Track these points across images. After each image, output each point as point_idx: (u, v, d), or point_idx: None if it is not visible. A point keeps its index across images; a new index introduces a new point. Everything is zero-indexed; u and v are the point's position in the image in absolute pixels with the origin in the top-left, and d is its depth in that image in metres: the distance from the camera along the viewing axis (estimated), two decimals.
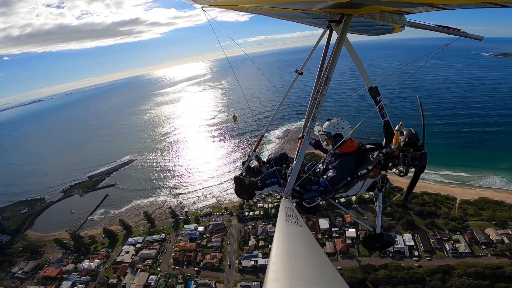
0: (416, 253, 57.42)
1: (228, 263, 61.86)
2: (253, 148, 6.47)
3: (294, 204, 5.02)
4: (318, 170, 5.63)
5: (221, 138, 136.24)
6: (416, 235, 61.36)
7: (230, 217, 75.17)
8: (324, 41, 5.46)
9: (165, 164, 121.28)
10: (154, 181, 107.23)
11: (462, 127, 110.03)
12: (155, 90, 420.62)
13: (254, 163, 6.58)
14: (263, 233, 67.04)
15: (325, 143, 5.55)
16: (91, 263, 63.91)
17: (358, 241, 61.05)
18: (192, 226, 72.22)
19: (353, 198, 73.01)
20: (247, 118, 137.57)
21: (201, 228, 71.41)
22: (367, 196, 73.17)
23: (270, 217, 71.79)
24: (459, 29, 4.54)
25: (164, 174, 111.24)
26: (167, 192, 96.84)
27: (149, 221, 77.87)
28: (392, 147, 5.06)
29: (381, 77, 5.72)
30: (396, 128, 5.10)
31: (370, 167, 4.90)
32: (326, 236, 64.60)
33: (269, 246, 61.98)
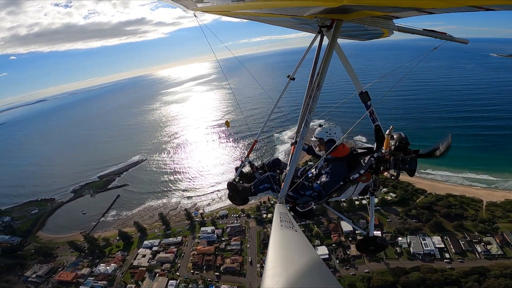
0: (447, 255, 55.66)
1: (249, 260, 60.05)
2: (246, 154, 6.30)
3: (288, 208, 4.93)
4: (310, 175, 5.61)
5: (233, 139, 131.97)
6: (445, 237, 59.28)
7: (248, 219, 72.45)
8: (315, 46, 5.35)
9: (176, 165, 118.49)
10: (165, 182, 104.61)
11: (481, 130, 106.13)
12: (161, 90, 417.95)
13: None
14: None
15: (317, 149, 5.51)
16: (108, 267, 61.26)
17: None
18: (209, 229, 69.57)
19: (376, 200, 70.49)
20: (258, 119, 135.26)
21: (218, 231, 68.78)
22: (389, 198, 70.79)
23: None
24: (446, 33, 4.60)
25: (176, 175, 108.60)
26: (180, 193, 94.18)
27: (164, 223, 75.26)
28: (383, 151, 4.95)
29: (387, 78, 5.74)
30: (387, 132, 4.98)
31: (362, 171, 4.96)
32: (350, 238, 61.93)
33: None
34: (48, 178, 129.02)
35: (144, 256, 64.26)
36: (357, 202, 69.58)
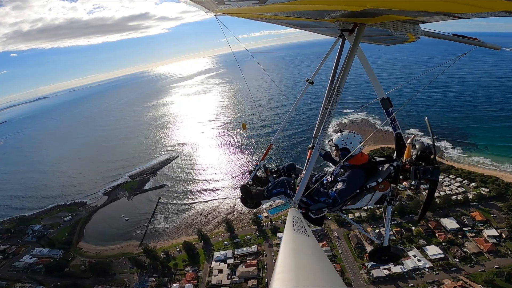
0: None
1: (349, 268, 51.20)
2: (261, 157, 5.76)
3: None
4: (326, 181, 5.08)
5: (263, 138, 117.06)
6: None
7: (325, 221, 61.68)
8: (336, 50, 4.83)
9: (213, 162, 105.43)
10: (206, 182, 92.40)
11: None
12: (168, 85, 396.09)
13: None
14: (380, 237, 54.12)
15: (334, 153, 4.98)
16: None
17: (503, 239, 51.63)
18: None
19: (469, 196, 60.65)
20: (286, 116, 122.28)
21: None
22: (484, 193, 61.07)
23: (376, 219, 58.82)
24: (476, 39, 4.31)
25: (216, 173, 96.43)
26: (232, 195, 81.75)
27: (228, 229, 63.98)
28: (403, 160, 4.36)
29: (406, 73, 5.09)
30: (408, 141, 4.46)
31: (379, 180, 4.42)
32: (460, 236, 53.00)
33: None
34: (70, 180, 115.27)
35: (221, 271, 53.12)
36: (453, 197, 60.23)
